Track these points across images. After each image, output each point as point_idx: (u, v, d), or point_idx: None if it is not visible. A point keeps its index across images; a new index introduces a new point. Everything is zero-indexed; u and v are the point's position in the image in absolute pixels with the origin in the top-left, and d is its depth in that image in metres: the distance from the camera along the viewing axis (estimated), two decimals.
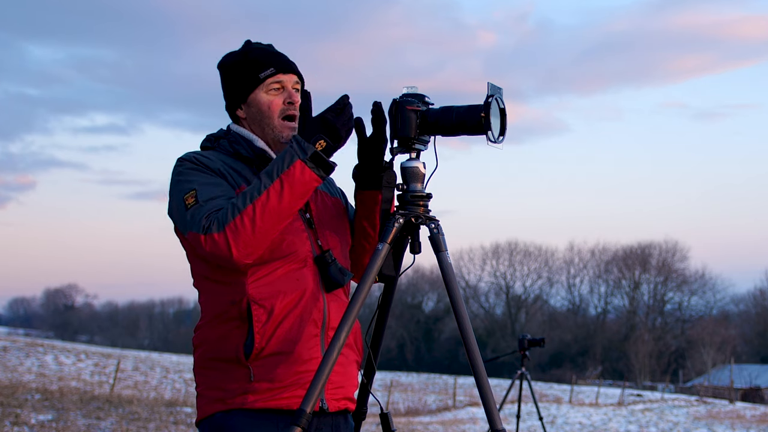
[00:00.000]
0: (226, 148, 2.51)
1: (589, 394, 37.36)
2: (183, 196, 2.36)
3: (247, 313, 2.33)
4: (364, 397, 2.57)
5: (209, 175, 2.40)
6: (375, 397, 2.53)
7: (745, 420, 24.63)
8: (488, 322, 65.01)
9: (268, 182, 2.27)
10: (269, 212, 2.27)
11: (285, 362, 2.34)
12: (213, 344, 2.40)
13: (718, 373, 49.49)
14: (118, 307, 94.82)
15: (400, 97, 2.40)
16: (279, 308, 2.34)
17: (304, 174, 2.28)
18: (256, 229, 2.26)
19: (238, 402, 2.35)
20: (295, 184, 2.27)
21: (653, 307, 63.77)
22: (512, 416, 18.55)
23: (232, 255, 2.27)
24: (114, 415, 13.19)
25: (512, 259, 67.93)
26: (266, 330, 2.33)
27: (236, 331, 2.36)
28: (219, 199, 2.34)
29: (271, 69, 2.47)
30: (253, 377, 2.34)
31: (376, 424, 13.19)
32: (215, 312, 2.41)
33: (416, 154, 2.41)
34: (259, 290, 2.35)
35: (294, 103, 2.48)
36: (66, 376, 26.24)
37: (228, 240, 2.25)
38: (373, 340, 2.52)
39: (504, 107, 2.37)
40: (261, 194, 2.26)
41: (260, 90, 2.48)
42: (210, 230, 2.27)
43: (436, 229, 2.37)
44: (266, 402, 2.34)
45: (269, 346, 2.33)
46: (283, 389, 2.34)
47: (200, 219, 2.29)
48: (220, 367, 2.39)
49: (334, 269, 2.43)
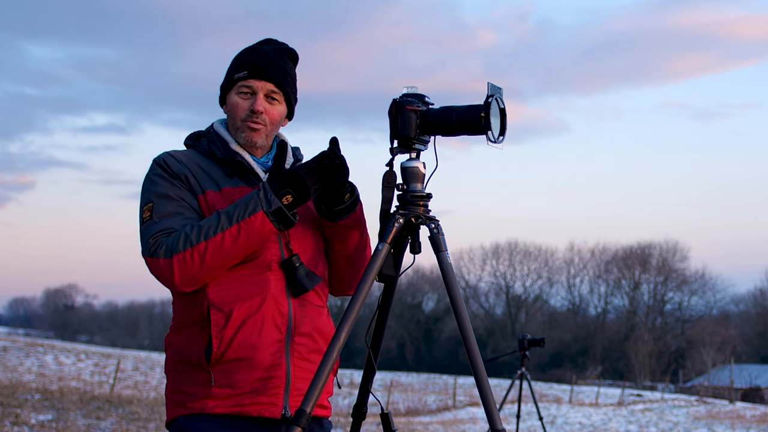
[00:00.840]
0: (204, 147, 2.50)
1: (589, 394, 37.35)
2: (142, 208, 2.38)
3: (207, 317, 2.32)
4: (364, 397, 2.57)
5: (171, 183, 2.38)
6: (375, 397, 2.52)
7: (745, 420, 24.62)
8: (488, 322, 65.01)
9: (227, 224, 2.27)
10: (221, 254, 2.28)
11: (246, 368, 2.31)
12: (178, 347, 2.40)
13: (718, 373, 49.48)
14: (118, 307, 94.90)
15: (400, 97, 2.40)
16: (237, 313, 2.31)
17: (264, 226, 2.29)
18: (204, 266, 2.27)
19: (198, 407, 2.32)
20: (252, 233, 2.28)
21: (653, 307, 63.77)
22: (512, 416, 18.55)
23: (174, 282, 2.30)
24: (114, 415, 13.19)
25: (512, 259, 68.00)
26: (224, 335, 2.30)
27: (198, 335, 2.34)
28: (172, 218, 2.33)
29: (244, 72, 2.45)
30: (214, 382, 2.31)
31: (376, 424, 13.19)
32: (181, 315, 2.41)
33: (416, 154, 2.41)
34: (218, 294, 2.33)
35: (256, 112, 2.43)
36: (66, 376, 26.23)
37: (173, 269, 2.27)
38: (373, 341, 2.51)
39: (504, 107, 2.37)
40: (216, 235, 2.27)
41: (233, 91, 2.47)
42: (156, 254, 2.28)
43: (436, 229, 2.36)
44: (226, 408, 2.31)
45: (229, 352, 2.31)
46: (243, 395, 2.31)
47: (147, 239, 2.31)
48: (184, 371, 2.38)
49: (301, 274, 2.39)
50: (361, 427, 2.58)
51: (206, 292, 2.33)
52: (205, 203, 2.40)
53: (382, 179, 2.40)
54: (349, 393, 28.00)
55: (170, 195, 2.36)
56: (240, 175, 2.46)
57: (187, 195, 2.39)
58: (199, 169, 2.43)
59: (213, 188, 2.41)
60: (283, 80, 2.48)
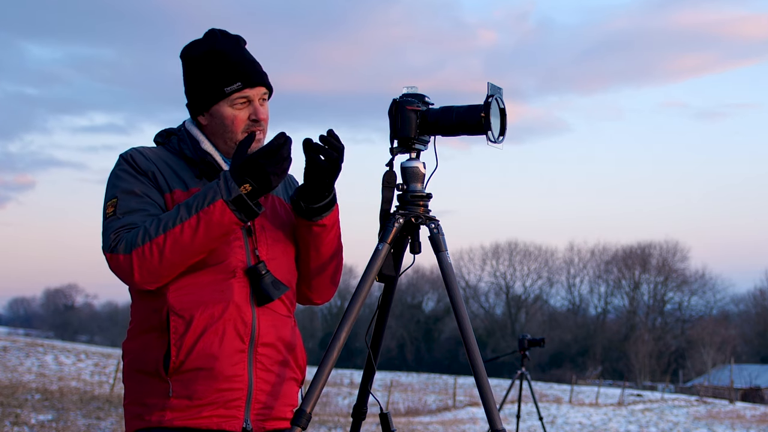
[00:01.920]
0: (173, 145, 2.41)
1: (589, 394, 37.35)
2: (106, 203, 2.30)
3: (166, 323, 2.22)
4: (364, 397, 2.57)
5: (137, 179, 2.30)
6: (375, 398, 2.52)
7: (745, 420, 24.63)
8: (488, 322, 65.02)
9: (186, 216, 2.17)
10: (180, 247, 2.17)
11: (205, 378, 2.22)
12: (136, 354, 2.30)
13: (718, 373, 49.48)
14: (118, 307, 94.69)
15: (400, 97, 2.40)
16: (198, 320, 2.22)
17: (224, 216, 2.18)
18: (164, 260, 2.18)
19: (155, 419, 2.23)
20: (212, 224, 2.18)
21: (653, 307, 63.78)
22: (512, 416, 18.55)
23: (134, 279, 2.21)
24: (114, 415, 13.18)
25: (512, 259, 67.98)
26: (184, 342, 2.21)
27: (157, 342, 2.25)
28: (135, 213, 2.25)
29: (238, 84, 2.32)
30: (172, 393, 2.21)
31: (376, 424, 13.19)
32: (139, 319, 2.32)
33: (416, 154, 2.41)
34: (179, 299, 2.23)
35: (259, 120, 2.34)
36: (66, 376, 26.23)
37: (132, 264, 2.18)
38: (373, 341, 2.51)
39: (504, 107, 2.38)
40: (175, 226, 2.17)
41: (225, 103, 2.33)
42: (116, 250, 2.20)
43: (436, 229, 2.36)
44: (184, 420, 2.21)
45: (189, 361, 2.21)
46: (202, 407, 2.22)
47: (108, 235, 2.24)
48: (142, 380, 2.28)
49: (266, 282, 2.29)
50: (361, 427, 2.58)
51: (166, 296, 2.23)
52: (171, 202, 2.30)
53: (382, 179, 2.40)
54: (349, 393, 28.00)
55: (135, 191, 2.28)
56: (209, 175, 2.35)
57: (152, 192, 2.30)
58: (167, 167, 2.34)
59: (180, 187, 2.32)
60: (267, 77, 2.40)
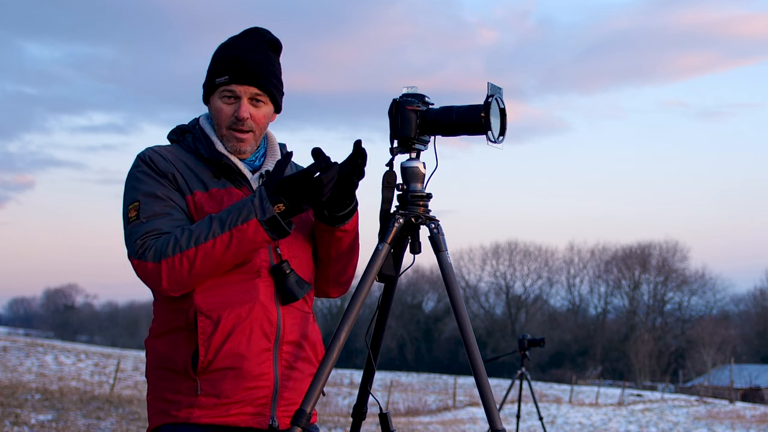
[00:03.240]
0: (189, 144, 2.41)
1: (589, 394, 37.35)
2: (127, 207, 2.29)
3: (194, 323, 2.25)
4: (364, 398, 2.57)
5: (158, 182, 2.30)
6: (374, 398, 2.52)
7: (745, 420, 24.62)
8: (488, 322, 65.02)
9: (218, 231, 2.20)
10: (211, 260, 2.20)
11: (233, 377, 2.25)
12: (161, 353, 2.32)
13: (718, 373, 49.49)
14: (118, 307, 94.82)
15: (400, 97, 2.39)
16: (226, 320, 2.25)
17: (257, 234, 2.21)
18: (193, 272, 2.21)
19: (183, 416, 2.25)
20: (244, 241, 2.21)
21: (653, 307, 63.79)
22: (512, 416, 18.55)
23: (161, 287, 2.23)
24: (114, 415, 13.18)
25: (512, 259, 68.00)
26: (212, 342, 2.23)
27: (184, 341, 2.27)
28: (161, 218, 2.25)
29: (226, 77, 2.34)
30: (200, 391, 2.25)
31: (376, 424, 13.19)
32: (164, 319, 2.34)
33: (416, 154, 2.41)
34: (206, 300, 2.25)
35: (241, 119, 2.34)
36: (66, 376, 26.22)
37: (161, 273, 2.20)
38: (373, 341, 2.51)
39: (504, 107, 2.37)
40: (207, 241, 2.19)
41: (216, 95, 2.38)
42: (144, 257, 2.21)
43: (436, 229, 2.36)
44: (212, 418, 2.25)
45: (217, 360, 2.24)
46: (230, 405, 2.25)
47: (135, 240, 2.23)
48: (169, 377, 2.30)
49: (291, 281, 2.32)
50: (361, 427, 2.58)
51: (193, 297, 2.25)
52: (193, 204, 2.32)
53: (382, 179, 2.39)
54: (349, 393, 28.01)
55: (157, 194, 2.28)
56: (226, 175, 2.38)
57: (175, 195, 2.30)
58: (186, 168, 2.35)
59: (200, 189, 2.33)
60: (266, 80, 2.37)
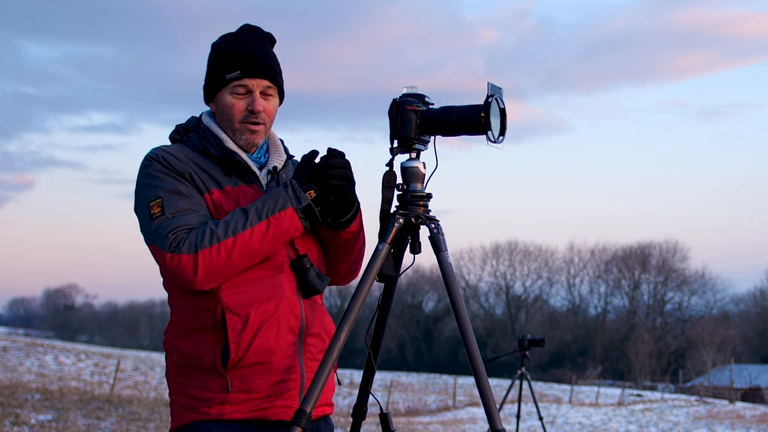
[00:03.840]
0: (195, 143, 2.42)
1: (589, 394, 37.35)
2: (148, 204, 2.28)
3: (221, 321, 2.26)
4: (364, 397, 2.57)
5: (177, 180, 2.30)
6: (375, 398, 2.52)
7: (745, 420, 24.62)
8: (488, 322, 65.03)
9: (256, 220, 2.22)
10: (248, 250, 2.22)
11: (263, 372, 2.28)
12: (186, 352, 2.32)
13: (718, 373, 49.49)
14: (118, 307, 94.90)
15: (400, 97, 2.39)
16: (254, 317, 2.27)
17: (293, 222, 2.26)
18: (230, 263, 2.22)
19: (215, 412, 2.27)
20: (281, 230, 2.25)
21: (653, 307, 63.80)
22: (512, 416, 18.56)
23: (195, 280, 2.21)
24: (114, 415, 13.19)
25: (512, 259, 68.04)
26: (242, 339, 2.25)
27: (211, 339, 2.28)
28: (187, 214, 2.26)
29: (237, 72, 2.37)
30: (231, 387, 2.26)
31: (376, 424, 13.19)
32: (187, 318, 2.34)
33: (416, 154, 2.40)
34: (233, 298, 2.27)
35: (256, 112, 2.38)
36: (66, 376, 26.22)
37: (197, 265, 2.19)
38: (373, 340, 2.51)
39: (504, 107, 2.37)
40: (245, 230, 2.21)
41: (226, 91, 2.39)
42: (178, 249, 2.20)
43: (436, 229, 2.36)
44: (244, 413, 2.27)
45: (247, 357, 2.26)
46: (260, 400, 2.28)
47: (166, 234, 2.22)
48: (196, 376, 2.31)
49: (312, 275, 2.36)
50: (361, 427, 2.58)
51: (219, 295, 2.26)
52: (211, 202, 2.33)
53: (382, 179, 2.39)
54: (349, 393, 28.00)
55: (180, 191, 2.28)
56: (237, 174, 2.40)
57: (195, 193, 2.32)
58: (197, 167, 2.36)
59: (216, 187, 2.35)
60: (275, 73, 2.42)
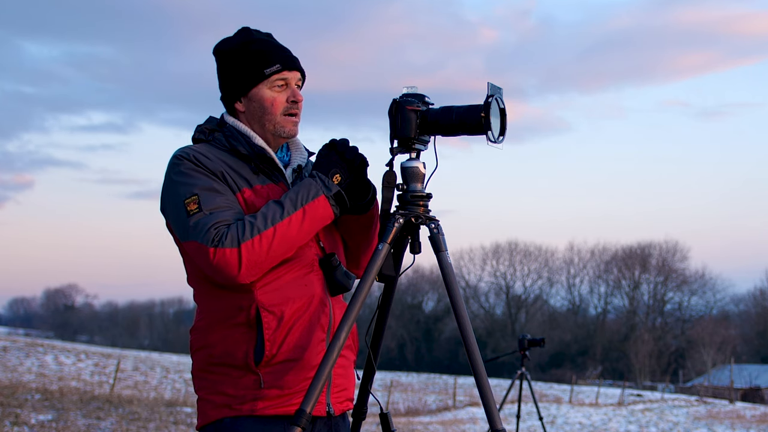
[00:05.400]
0: (222, 142, 2.43)
1: (589, 394, 37.35)
2: (183, 201, 2.28)
3: (256, 319, 2.29)
4: (364, 397, 2.57)
5: (210, 178, 2.32)
6: (375, 397, 2.52)
7: (745, 420, 24.62)
8: (488, 322, 65.03)
9: (292, 209, 2.28)
10: (287, 239, 2.28)
11: (294, 368, 2.32)
12: (217, 349, 2.34)
13: (718, 373, 49.49)
14: (118, 307, 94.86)
15: (400, 97, 2.40)
16: (288, 315, 2.32)
17: (326, 210, 2.33)
18: (271, 252, 2.26)
19: (247, 408, 2.30)
20: (316, 218, 2.32)
21: (653, 307, 63.79)
22: (512, 416, 18.56)
23: (240, 273, 2.24)
24: (114, 415, 13.19)
25: (512, 259, 68.01)
26: (276, 337, 2.30)
27: (244, 336, 2.31)
28: (224, 211, 2.28)
29: (277, 66, 2.42)
30: (263, 384, 2.30)
31: (376, 424, 13.19)
32: (218, 316, 2.35)
33: (416, 154, 2.41)
34: (268, 296, 2.31)
35: (297, 101, 2.45)
36: (66, 376, 26.22)
37: (241, 257, 2.22)
38: (373, 340, 2.51)
39: (504, 107, 2.37)
40: (283, 219, 2.27)
41: (264, 85, 2.42)
42: (221, 243, 2.22)
43: (436, 229, 2.36)
44: (276, 409, 2.31)
45: (280, 354, 2.30)
46: (292, 395, 2.31)
47: (207, 230, 2.24)
48: (227, 372, 2.33)
49: (340, 273, 2.41)
50: (361, 427, 2.58)
51: (254, 293, 2.30)
52: (243, 201, 2.36)
53: (382, 179, 2.40)
54: None
55: (216, 188, 2.31)
56: (265, 172, 2.42)
57: (229, 192, 2.35)
58: (228, 167, 2.38)
59: (247, 186, 2.38)
60: (302, 68, 2.51)
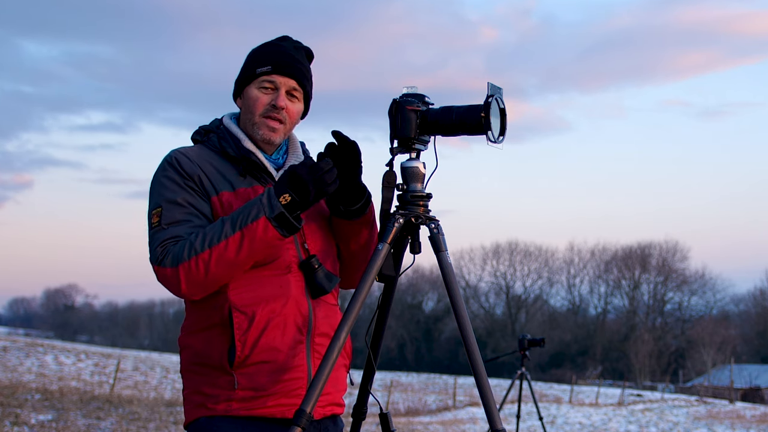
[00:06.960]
0: (214, 143, 2.46)
1: (589, 394, 37.35)
2: (150, 212, 2.35)
3: (228, 319, 2.30)
4: (364, 397, 2.57)
5: (181, 188, 2.34)
6: (375, 398, 2.53)
7: (745, 420, 24.62)
8: (488, 322, 65.04)
9: (230, 232, 2.24)
10: (225, 262, 2.25)
11: (269, 370, 2.31)
12: (197, 349, 2.37)
13: (718, 373, 49.50)
14: (118, 307, 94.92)
15: (400, 96, 2.40)
16: (260, 315, 2.30)
17: (267, 232, 2.25)
18: (209, 274, 2.25)
19: (221, 408, 2.31)
20: (255, 240, 2.25)
21: (653, 307, 63.81)
22: (512, 416, 18.56)
23: (181, 291, 2.29)
24: (114, 415, 13.19)
25: (512, 259, 68.04)
26: (248, 338, 2.29)
27: (219, 337, 2.32)
28: (181, 225, 2.31)
29: (268, 67, 2.42)
30: (237, 385, 2.30)
31: (376, 424, 13.19)
32: (198, 316, 2.38)
33: (416, 154, 2.41)
34: (240, 297, 2.31)
35: (278, 107, 2.42)
36: (66, 376, 26.21)
37: (179, 278, 2.26)
38: (373, 340, 2.51)
39: (504, 107, 2.37)
40: (220, 242, 2.24)
41: (253, 84, 2.44)
42: (163, 263, 2.27)
43: (436, 229, 2.36)
44: (250, 410, 2.31)
45: (253, 355, 2.29)
46: (267, 397, 2.31)
47: (155, 247, 2.29)
48: (204, 372, 2.35)
49: (320, 275, 2.39)
50: (361, 427, 2.58)
51: (227, 294, 2.30)
52: (219, 204, 2.36)
53: (382, 179, 2.40)
54: (349, 393, 27.95)
55: (178, 201, 2.33)
56: (253, 174, 2.43)
57: (197, 200, 2.35)
58: (212, 168, 2.40)
59: (227, 188, 2.38)
60: (304, 77, 2.47)
